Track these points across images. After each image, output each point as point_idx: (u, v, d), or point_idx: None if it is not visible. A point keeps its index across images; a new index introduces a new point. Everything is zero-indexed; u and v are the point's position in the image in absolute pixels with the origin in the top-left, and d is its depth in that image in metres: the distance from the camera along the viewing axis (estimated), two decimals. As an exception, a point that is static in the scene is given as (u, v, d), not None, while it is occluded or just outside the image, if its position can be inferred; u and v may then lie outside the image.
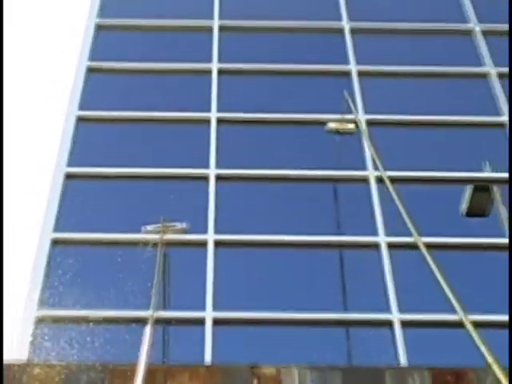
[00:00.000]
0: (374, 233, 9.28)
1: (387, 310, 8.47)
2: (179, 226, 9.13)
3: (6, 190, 14.60)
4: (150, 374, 6.74)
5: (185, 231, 9.15)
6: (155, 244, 8.93)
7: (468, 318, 5.71)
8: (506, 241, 9.25)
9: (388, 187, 7.58)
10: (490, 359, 5.23)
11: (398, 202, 7.18)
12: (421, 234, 9.07)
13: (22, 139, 18.79)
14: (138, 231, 9.03)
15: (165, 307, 8.39)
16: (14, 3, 21.37)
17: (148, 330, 6.53)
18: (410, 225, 6.84)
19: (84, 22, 12.29)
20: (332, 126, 10.01)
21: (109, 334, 8.19)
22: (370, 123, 10.45)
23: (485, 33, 12.19)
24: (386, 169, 9.30)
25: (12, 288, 11.70)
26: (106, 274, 8.85)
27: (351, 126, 9.99)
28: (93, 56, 11.68)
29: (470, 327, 5.52)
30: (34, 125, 18.79)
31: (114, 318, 8.33)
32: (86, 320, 8.29)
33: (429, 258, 6.87)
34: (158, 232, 8.96)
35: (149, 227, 9.07)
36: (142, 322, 8.16)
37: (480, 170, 10.15)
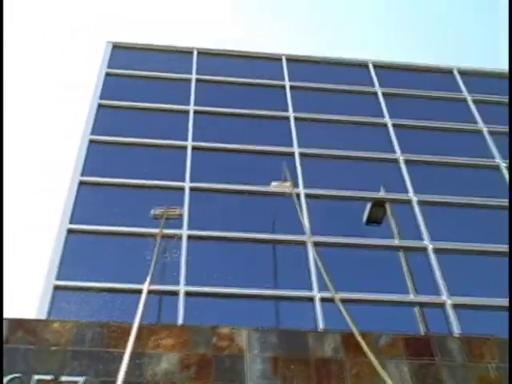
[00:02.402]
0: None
1: (310, 289, 8.69)
2: (178, 210, 9.25)
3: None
4: (139, 330, 6.88)
5: (181, 215, 9.25)
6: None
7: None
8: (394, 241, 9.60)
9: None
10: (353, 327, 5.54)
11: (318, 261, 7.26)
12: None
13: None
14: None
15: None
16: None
17: (142, 298, 6.53)
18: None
19: (88, 104, 11.84)
20: (274, 184, 9.89)
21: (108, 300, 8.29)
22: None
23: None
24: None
25: (35, 264, 11.48)
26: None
27: (288, 184, 9.86)
28: (94, 131, 11.21)
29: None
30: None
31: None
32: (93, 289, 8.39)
33: (318, 259, 7.18)
34: (162, 214, 8.95)
35: (156, 211, 9.06)
36: (135, 292, 8.23)
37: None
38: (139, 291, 8.09)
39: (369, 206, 10.11)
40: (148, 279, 6.80)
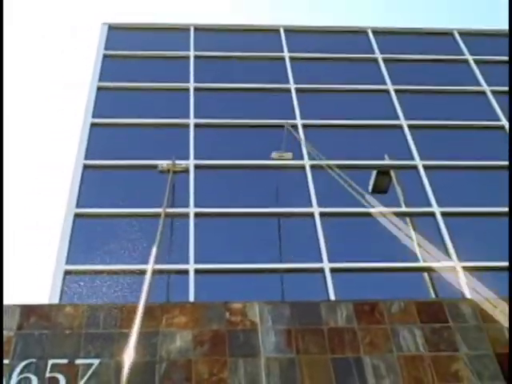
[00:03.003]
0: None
1: (320, 260, 8.70)
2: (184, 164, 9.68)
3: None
4: (150, 309, 6.91)
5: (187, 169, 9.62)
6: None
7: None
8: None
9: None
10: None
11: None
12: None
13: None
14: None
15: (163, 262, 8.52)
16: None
17: (147, 278, 6.55)
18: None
19: (87, 86, 11.80)
20: (274, 156, 9.99)
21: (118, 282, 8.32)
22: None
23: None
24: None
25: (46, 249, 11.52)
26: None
27: (290, 154, 9.98)
28: (95, 114, 11.17)
29: None
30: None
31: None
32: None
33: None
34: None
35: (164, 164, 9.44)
36: (145, 273, 8.27)
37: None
38: (146, 272, 8.21)
39: (373, 175, 10.05)
40: (152, 258, 6.75)
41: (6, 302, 6.80)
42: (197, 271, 8.41)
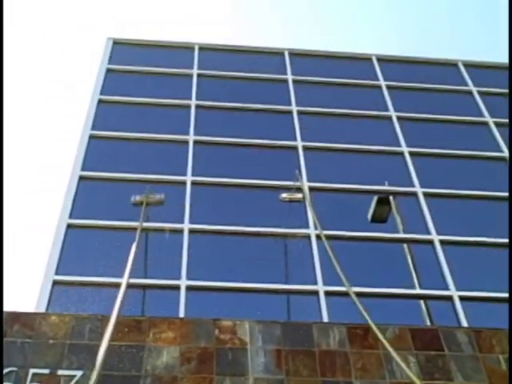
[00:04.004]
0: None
1: (314, 282, 8.54)
2: (158, 196, 9.03)
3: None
4: (138, 323, 6.77)
5: (162, 201, 8.99)
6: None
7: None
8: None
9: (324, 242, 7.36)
10: (368, 320, 5.40)
11: (331, 255, 7.07)
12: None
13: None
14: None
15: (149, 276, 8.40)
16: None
17: (121, 290, 6.14)
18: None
19: (88, 98, 11.71)
20: (284, 196, 9.57)
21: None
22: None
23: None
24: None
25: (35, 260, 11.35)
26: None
27: (300, 195, 9.51)
28: (94, 126, 11.07)
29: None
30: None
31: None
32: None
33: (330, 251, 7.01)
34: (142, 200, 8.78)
35: (137, 196, 8.90)
36: (134, 286, 8.10)
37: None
38: (138, 286, 8.06)
39: (373, 203, 9.94)
40: (126, 272, 6.50)
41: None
42: (188, 288, 8.24)
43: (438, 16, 24.85)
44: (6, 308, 6.75)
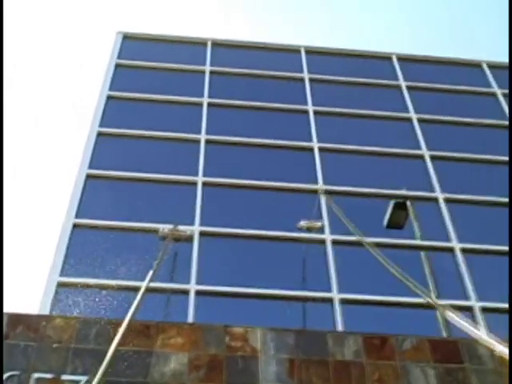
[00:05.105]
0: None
1: (329, 290, 8.50)
2: (188, 231, 8.98)
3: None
4: (146, 327, 6.76)
5: (191, 237, 8.95)
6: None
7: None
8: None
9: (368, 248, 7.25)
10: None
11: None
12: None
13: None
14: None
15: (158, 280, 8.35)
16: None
17: (139, 295, 6.26)
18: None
19: (97, 95, 11.73)
20: (302, 224, 9.39)
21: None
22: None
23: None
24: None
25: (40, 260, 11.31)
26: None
27: (319, 224, 9.43)
28: (103, 123, 11.09)
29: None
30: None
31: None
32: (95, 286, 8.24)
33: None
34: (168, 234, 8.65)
35: (163, 231, 8.80)
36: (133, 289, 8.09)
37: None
38: (146, 289, 8.03)
39: (390, 208, 9.88)
40: (148, 277, 6.51)
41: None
42: (198, 292, 8.24)
43: (462, 15, 24.78)
44: (9, 309, 6.76)
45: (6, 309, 6.70)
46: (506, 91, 12.75)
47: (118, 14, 22.99)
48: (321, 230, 9.42)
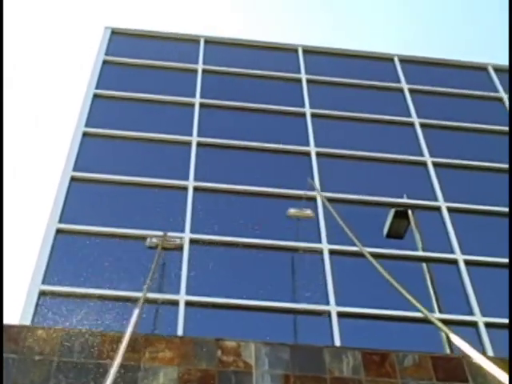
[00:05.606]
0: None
1: (326, 302, 8.50)
2: (178, 240, 8.99)
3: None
4: (133, 341, 6.73)
5: (181, 246, 8.94)
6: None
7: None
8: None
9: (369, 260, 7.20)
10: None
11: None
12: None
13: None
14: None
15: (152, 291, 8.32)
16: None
17: (138, 306, 6.34)
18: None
19: (83, 93, 11.68)
20: (292, 212, 9.49)
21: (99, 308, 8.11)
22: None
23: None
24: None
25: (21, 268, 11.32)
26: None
27: (309, 212, 9.51)
28: (88, 123, 11.05)
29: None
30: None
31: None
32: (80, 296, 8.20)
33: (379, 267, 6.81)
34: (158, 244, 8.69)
35: (152, 240, 8.84)
36: (129, 300, 8.11)
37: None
38: (133, 299, 8.01)
39: (390, 217, 9.90)
40: (145, 288, 6.54)
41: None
42: (188, 303, 8.20)
43: (466, 15, 24.92)
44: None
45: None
46: (513, 96, 12.84)
47: (107, 8, 22.98)
48: (312, 218, 9.46)
